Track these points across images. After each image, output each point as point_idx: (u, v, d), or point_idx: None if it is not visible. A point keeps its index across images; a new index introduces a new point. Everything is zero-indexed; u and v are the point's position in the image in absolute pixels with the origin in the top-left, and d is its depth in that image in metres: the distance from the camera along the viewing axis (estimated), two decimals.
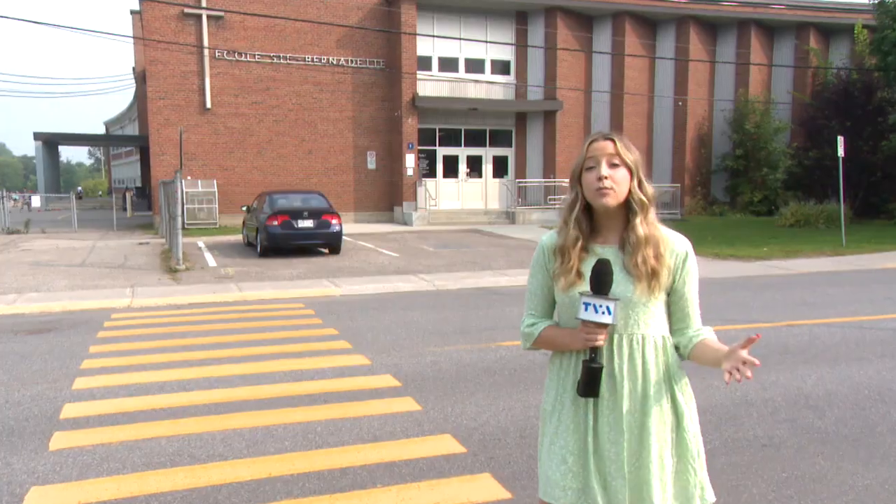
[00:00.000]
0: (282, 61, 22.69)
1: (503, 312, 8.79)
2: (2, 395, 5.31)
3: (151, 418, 4.77)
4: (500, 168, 25.83)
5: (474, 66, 24.90)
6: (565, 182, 23.28)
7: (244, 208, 17.45)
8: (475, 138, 25.43)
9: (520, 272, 12.25)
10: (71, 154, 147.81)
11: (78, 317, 8.71)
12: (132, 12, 38.78)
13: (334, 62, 23.20)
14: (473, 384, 5.57)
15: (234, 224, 21.81)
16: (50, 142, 44.54)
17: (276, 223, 14.42)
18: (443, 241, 17.92)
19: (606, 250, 2.01)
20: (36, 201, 30.60)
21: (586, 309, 1.91)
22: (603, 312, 1.89)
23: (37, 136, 41.72)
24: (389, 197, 24.47)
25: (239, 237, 18.73)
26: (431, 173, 24.80)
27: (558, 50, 24.57)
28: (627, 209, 2.00)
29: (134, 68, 42.51)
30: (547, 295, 2.12)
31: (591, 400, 2.01)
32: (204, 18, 21.80)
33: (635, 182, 1.98)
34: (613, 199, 1.96)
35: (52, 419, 4.76)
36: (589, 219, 2.03)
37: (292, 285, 10.99)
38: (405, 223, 23.12)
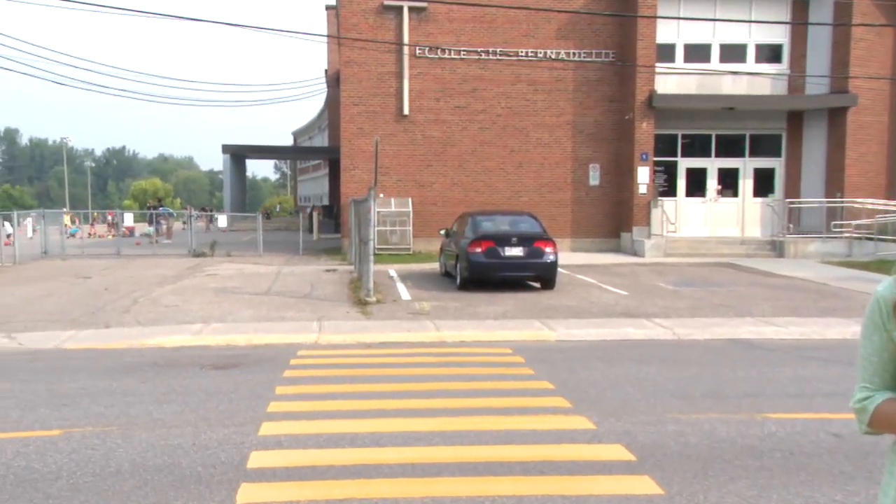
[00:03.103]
0: (491, 57, 23.58)
1: (770, 374, 8.30)
2: (189, 436, 6.02)
3: (342, 475, 5.11)
4: (763, 184, 24.44)
5: (732, 53, 23.91)
6: (862, 203, 21.16)
7: (442, 232, 18.25)
8: (730, 146, 24.37)
9: (792, 321, 11.50)
10: (256, 168, 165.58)
11: (263, 352, 9.67)
12: (327, 8, 42.84)
13: (553, 56, 23.62)
14: (733, 467, 5.28)
15: (429, 250, 22.88)
16: (237, 154, 50.37)
17: (479, 250, 14.88)
18: (684, 276, 17.50)
19: None
20: (222, 220, 34.59)
21: None
22: None
23: (225, 148, 47.44)
24: (615, 220, 24.23)
25: (435, 266, 19.63)
26: (670, 191, 24.17)
27: (853, 27, 22.75)
28: None
29: (326, 71, 46.76)
30: (887, 363, 1.97)
31: None
32: (405, 11, 23.40)
33: None
34: None
35: (238, 468, 5.29)
36: None
37: (498, 325, 11.28)
38: (635, 253, 22.78)
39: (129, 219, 34.86)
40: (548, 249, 15.05)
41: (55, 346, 10.16)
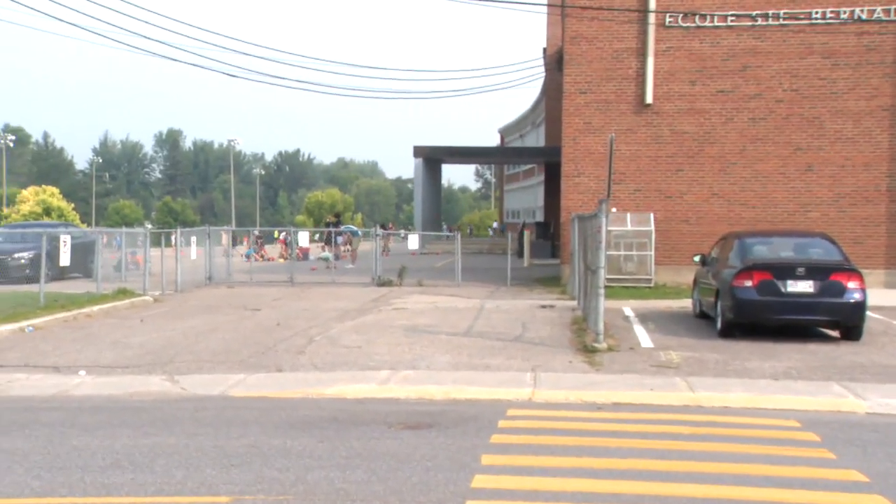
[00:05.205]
0: (770, 22, 22.91)
1: None
2: None
3: None
4: None
5: None
6: None
7: (697, 259, 18.02)
8: None
9: None
10: (453, 175, 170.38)
11: (464, 409, 9.85)
12: None
13: (862, 16, 22.63)
14: None
15: (677, 283, 22.52)
16: (431, 158, 52.10)
17: (748, 284, 14.55)
18: None
19: None
20: (413, 241, 35.84)
21: None
22: None
23: (417, 151, 49.30)
24: None
25: (685, 303, 19.33)
26: None
27: None
28: None
29: (545, 50, 47.39)
30: None
31: None
32: None
33: None
34: None
35: None
36: None
37: (778, 388, 10.90)
38: None
39: (303, 238, 36.90)
40: (850, 284, 14.49)
41: (221, 392, 10.93)
